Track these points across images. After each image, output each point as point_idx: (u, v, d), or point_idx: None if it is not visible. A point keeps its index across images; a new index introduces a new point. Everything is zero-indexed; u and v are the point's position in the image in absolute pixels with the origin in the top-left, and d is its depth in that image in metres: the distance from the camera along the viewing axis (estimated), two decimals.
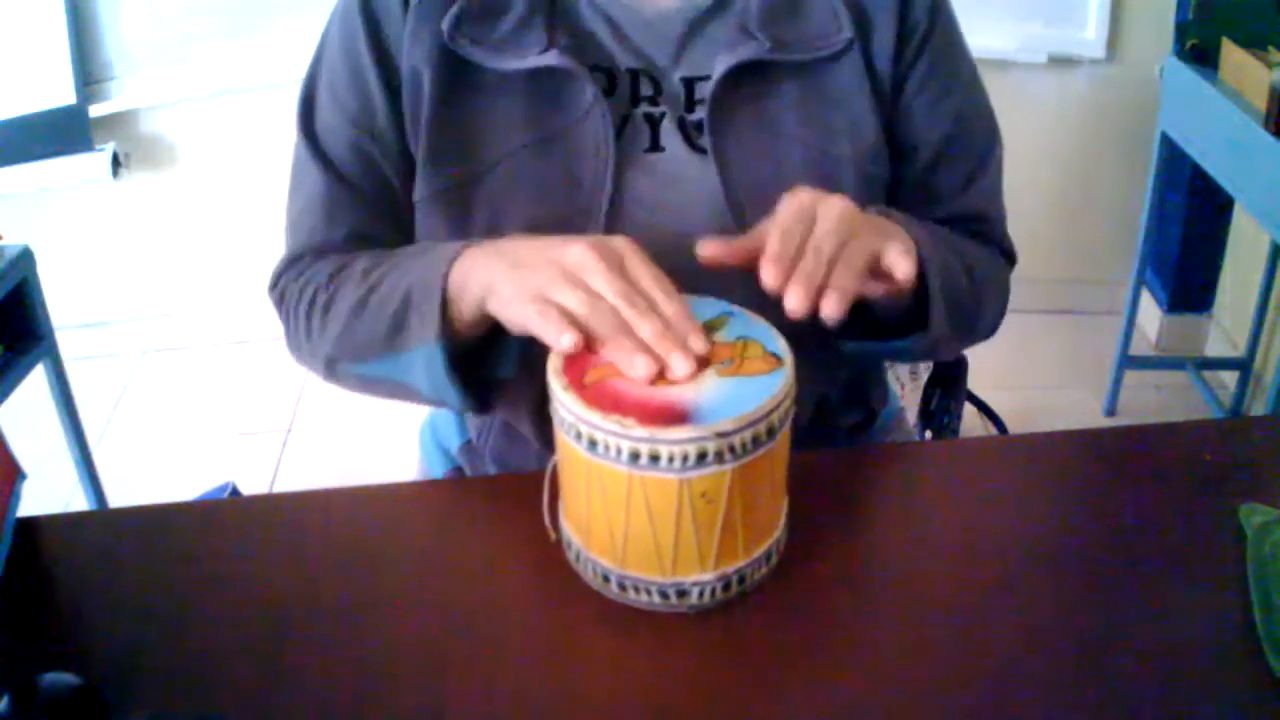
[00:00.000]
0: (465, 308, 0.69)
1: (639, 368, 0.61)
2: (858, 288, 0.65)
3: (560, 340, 0.62)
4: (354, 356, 0.77)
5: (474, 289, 0.68)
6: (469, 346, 0.72)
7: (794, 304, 0.62)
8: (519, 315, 0.65)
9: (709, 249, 0.68)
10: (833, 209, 0.66)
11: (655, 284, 0.64)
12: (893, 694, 0.60)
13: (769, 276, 0.63)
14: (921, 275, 0.73)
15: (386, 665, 0.62)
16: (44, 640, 0.65)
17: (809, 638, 0.64)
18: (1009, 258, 0.92)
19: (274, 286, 0.85)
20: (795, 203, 0.67)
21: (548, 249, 0.65)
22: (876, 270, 0.68)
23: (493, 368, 0.75)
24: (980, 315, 0.85)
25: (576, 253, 0.64)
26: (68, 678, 0.55)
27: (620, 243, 0.65)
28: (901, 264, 0.67)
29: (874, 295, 0.71)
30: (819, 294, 0.63)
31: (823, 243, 0.64)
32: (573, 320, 0.62)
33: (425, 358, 0.70)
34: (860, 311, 0.77)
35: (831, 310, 0.63)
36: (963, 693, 0.60)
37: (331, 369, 0.80)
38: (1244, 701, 0.59)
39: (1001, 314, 0.89)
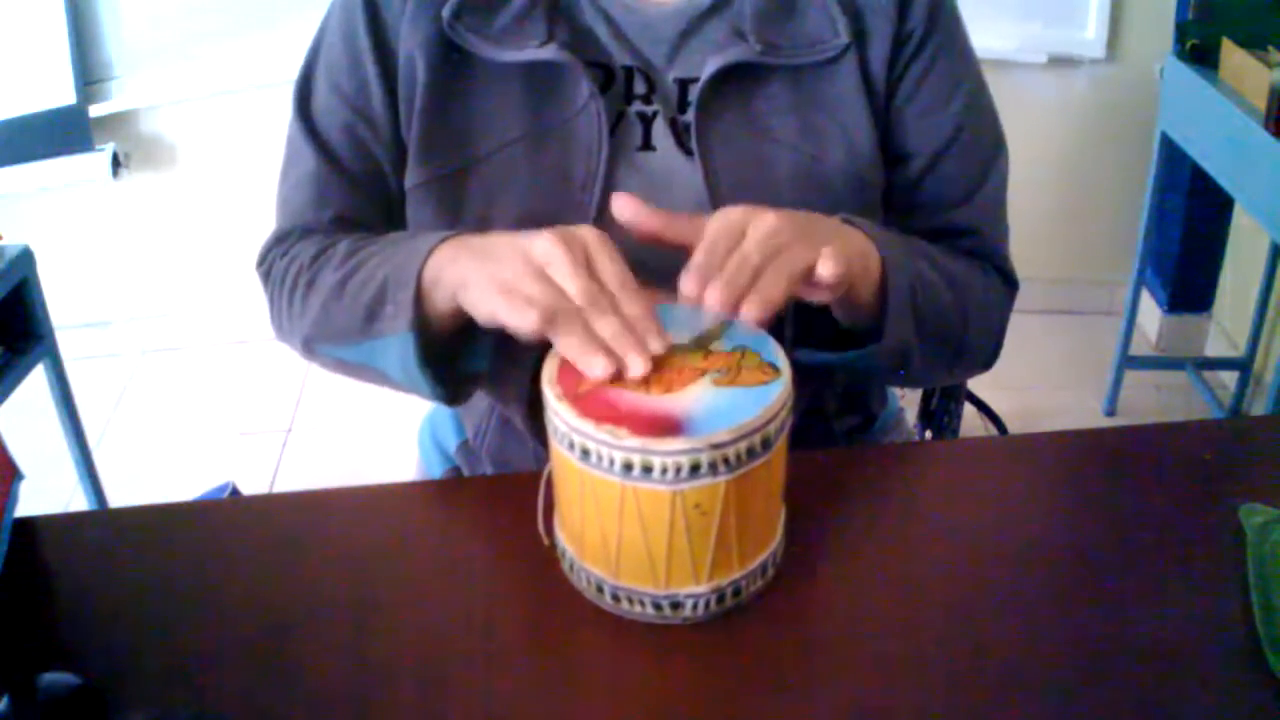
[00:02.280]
0: (439, 300, 0.69)
1: (596, 368, 0.60)
2: (782, 295, 0.63)
3: (524, 321, 0.61)
4: (330, 339, 0.77)
5: (447, 283, 0.68)
6: (443, 338, 0.72)
7: (712, 302, 0.61)
8: (487, 307, 0.64)
9: (625, 205, 0.67)
10: (764, 224, 0.64)
11: (619, 280, 0.63)
12: (892, 698, 0.60)
13: (687, 286, 0.62)
14: (884, 282, 0.72)
15: (386, 665, 0.62)
16: (44, 640, 0.65)
17: (809, 644, 0.64)
18: (1009, 282, 0.88)
19: (261, 263, 0.86)
20: (725, 218, 0.65)
21: (517, 241, 0.65)
22: (813, 280, 0.66)
23: (466, 360, 0.75)
24: (966, 336, 0.81)
25: (543, 245, 0.63)
26: (68, 678, 0.55)
27: (588, 234, 0.65)
28: (826, 266, 0.64)
29: (821, 300, 0.69)
30: (740, 299, 0.61)
31: (749, 254, 0.63)
32: (538, 310, 0.62)
33: (398, 346, 0.70)
34: (824, 324, 0.76)
35: (750, 314, 0.61)
36: (963, 695, 0.60)
37: (309, 349, 0.81)
38: (1244, 701, 0.59)
39: (996, 340, 0.86)
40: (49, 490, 1.97)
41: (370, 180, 0.83)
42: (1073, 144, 2.45)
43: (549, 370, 0.63)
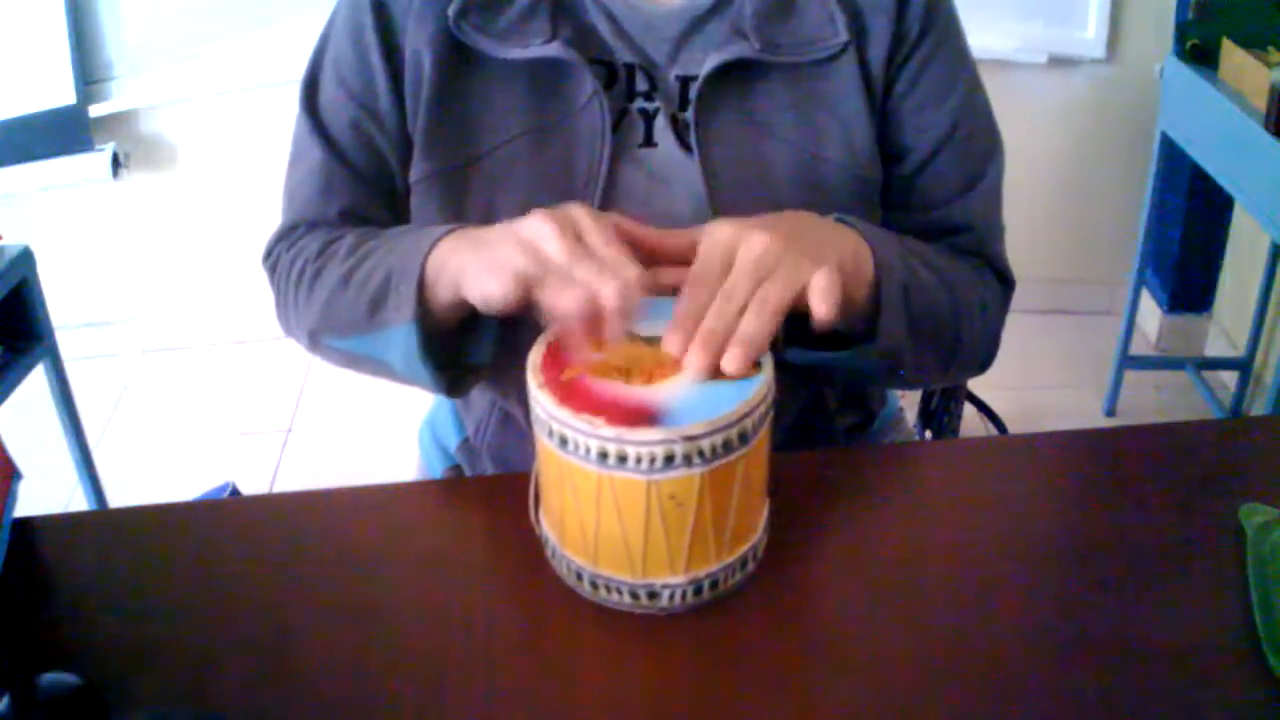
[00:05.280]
0: (441, 292, 0.70)
1: (566, 300, 0.61)
2: (768, 335, 0.62)
3: (506, 283, 0.63)
4: (336, 331, 0.78)
5: (448, 274, 0.69)
6: (446, 330, 0.73)
7: (693, 370, 0.61)
8: (480, 287, 0.65)
9: (623, 224, 0.68)
10: (752, 248, 0.64)
11: (606, 245, 0.64)
12: (889, 696, 0.60)
13: (671, 344, 0.62)
14: (877, 283, 0.72)
15: (386, 664, 0.62)
16: (44, 640, 0.65)
17: (806, 639, 0.64)
18: (1005, 281, 0.88)
19: (267, 256, 0.86)
20: (713, 244, 0.65)
21: (510, 224, 0.66)
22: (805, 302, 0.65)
23: (468, 353, 0.76)
24: (961, 337, 0.81)
25: (533, 223, 0.65)
26: (68, 678, 0.55)
27: (577, 211, 0.66)
28: (819, 308, 0.64)
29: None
30: (720, 355, 0.61)
31: (734, 290, 0.63)
32: (525, 280, 0.63)
33: (401, 338, 0.71)
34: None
35: (731, 366, 0.61)
36: (961, 692, 0.60)
37: (314, 341, 0.82)
38: (1244, 701, 0.59)
39: (992, 341, 0.86)
40: (49, 490, 1.97)
41: (376, 175, 0.84)
42: (1073, 144, 2.46)
43: (534, 358, 0.63)
